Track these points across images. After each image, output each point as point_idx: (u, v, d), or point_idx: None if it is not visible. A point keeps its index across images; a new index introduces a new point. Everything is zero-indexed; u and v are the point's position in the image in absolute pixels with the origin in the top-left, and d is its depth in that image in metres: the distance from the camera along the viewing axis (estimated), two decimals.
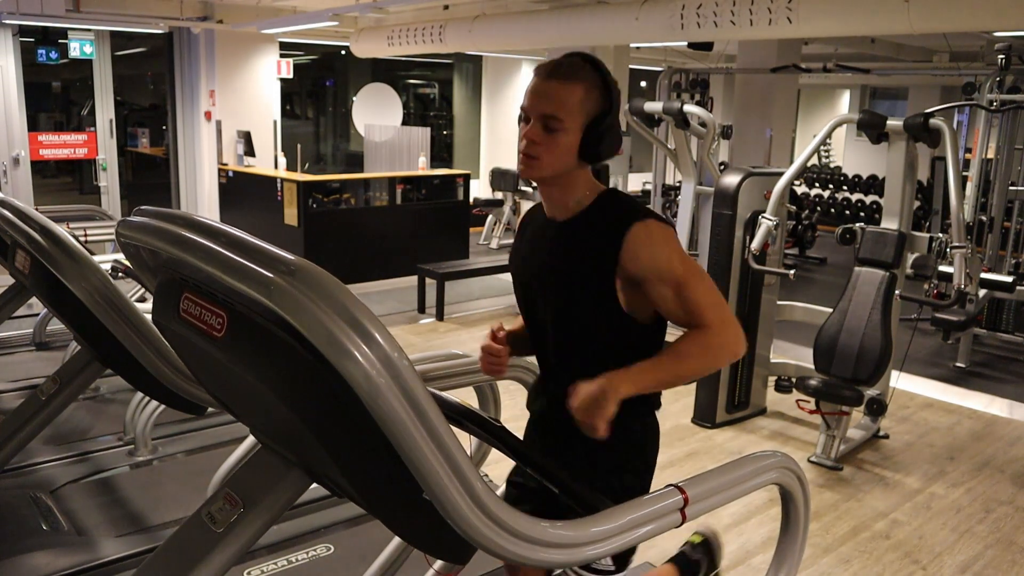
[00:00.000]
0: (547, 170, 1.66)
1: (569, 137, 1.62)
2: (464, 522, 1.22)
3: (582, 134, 1.63)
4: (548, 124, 1.61)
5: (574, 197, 1.71)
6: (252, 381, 1.29)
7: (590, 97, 1.62)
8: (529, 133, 1.63)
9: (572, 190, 1.70)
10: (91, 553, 2.86)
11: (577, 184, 1.70)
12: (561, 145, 1.62)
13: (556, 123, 1.61)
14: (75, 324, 2.54)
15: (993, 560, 3.25)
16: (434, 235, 8.50)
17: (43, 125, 8.48)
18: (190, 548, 1.39)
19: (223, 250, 1.21)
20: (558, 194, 1.72)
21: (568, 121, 1.61)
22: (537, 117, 1.62)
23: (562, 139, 1.62)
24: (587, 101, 1.62)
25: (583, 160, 1.66)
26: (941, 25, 4.44)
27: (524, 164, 1.66)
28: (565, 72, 1.62)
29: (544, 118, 1.62)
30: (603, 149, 1.65)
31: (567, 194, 1.71)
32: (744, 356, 4.51)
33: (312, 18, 7.33)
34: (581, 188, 1.71)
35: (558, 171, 1.66)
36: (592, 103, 1.63)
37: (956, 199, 4.02)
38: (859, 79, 12.33)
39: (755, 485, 1.73)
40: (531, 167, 1.66)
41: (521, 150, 1.66)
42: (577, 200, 1.71)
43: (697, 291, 1.63)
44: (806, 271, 9.24)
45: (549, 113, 1.61)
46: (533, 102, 1.63)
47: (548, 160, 1.64)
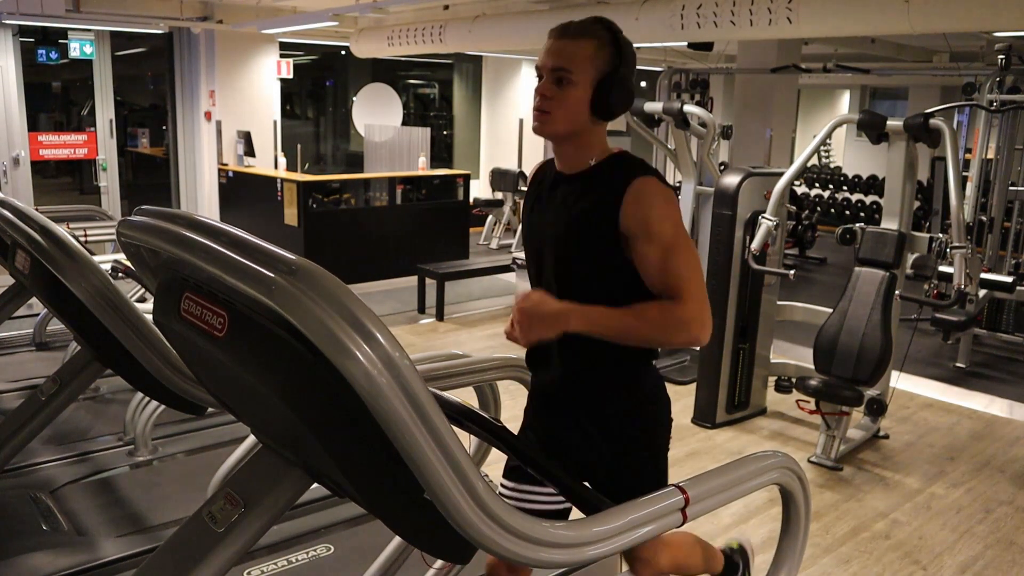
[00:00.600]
0: (560, 125, 1.67)
1: (579, 91, 1.65)
2: (465, 522, 1.22)
3: (593, 89, 1.65)
4: (559, 78, 1.64)
5: (588, 155, 1.72)
6: (253, 381, 1.29)
7: (600, 53, 1.65)
8: (542, 88, 1.67)
9: (587, 149, 1.72)
10: (91, 553, 2.85)
11: (592, 144, 1.72)
12: (572, 99, 1.65)
13: (567, 76, 1.64)
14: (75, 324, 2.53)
15: (993, 560, 3.25)
16: (434, 235, 8.50)
17: (43, 125, 8.48)
18: (191, 548, 1.39)
19: (224, 250, 1.21)
20: (572, 152, 1.73)
21: (578, 74, 1.64)
22: (549, 72, 1.66)
23: (572, 92, 1.65)
24: (597, 57, 1.65)
25: (595, 115, 1.68)
26: (941, 25, 4.44)
27: (537, 120, 1.68)
28: (576, 30, 1.67)
29: (555, 71, 1.65)
30: (613, 103, 1.67)
31: (581, 153, 1.72)
32: (745, 356, 4.56)
33: (312, 18, 7.33)
34: (596, 148, 1.72)
35: (571, 127, 1.68)
36: (603, 59, 1.66)
37: (956, 199, 4.02)
38: (859, 79, 12.33)
39: (756, 485, 1.73)
40: (544, 122, 1.68)
41: (534, 106, 1.68)
42: (590, 158, 1.72)
43: (680, 261, 1.62)
44: (806, 271, 9.24)
45: (560, 66, 1.64)
46: (546, 59, 1.67)
47: (560, 114, 1.66)
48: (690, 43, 7.59)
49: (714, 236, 4.49)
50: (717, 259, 4.46)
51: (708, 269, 4.53)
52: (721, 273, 4.43)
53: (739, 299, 4.47)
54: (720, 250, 4.44)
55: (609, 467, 1.79)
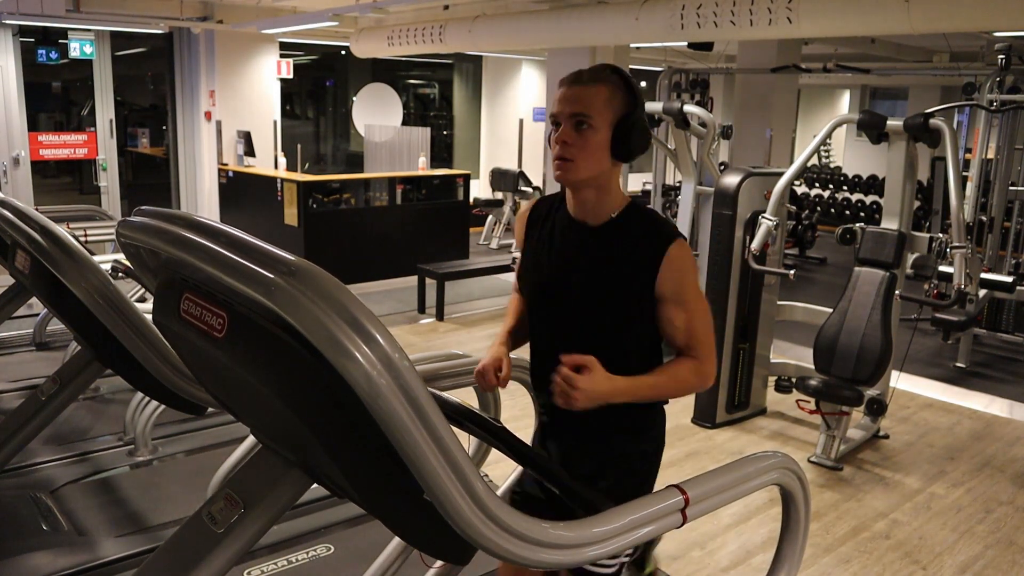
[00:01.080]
0: (583, 171, 1.70)
1: (599, 135, 1.67)
2: (465, 522, 1.22)
3: (612, 132, 1.68)
4: (579, 123, 1.67)
5: (609, 203, 1.75)
6: (252, 381, 1.28)
7: (615, 97, 1.68)
8: (562, 135, 1.68)
9: (607, 195, 1.75)
10: (91, 553, 2.85)
11: (611, 188, 1.75)
12: (593, 144, 1.67)
13: (587, 121, 1.66)
14: (75, 324, 2.53)
15: (993, 560, 3.25)
16: (434, 235, 8.50)
17: (43, 125, 8.48)
18: (190, 548, 1.39)
19: (223, 250, 1.21)
20: (593, 198, 1.75)
21: (597, 119, 1.66)
22: (567, 119, 1.68)
23: (592, 137, 1.67)
24: (613, 100, 1.68)
25: (615, 158, 1.71)
26: (941, 25, 4.44)
27: (560, 169, 1.70)
28: (588, 77, 1.69)
29: (574, 117, 1.67)
30: (633, 145, 1.70)
31: (602, 199, 1.75)
32: (745, 356, 4.56)
33: (312, 18, 7.32)
34: (615, 193, 1.76)
35: (593, 171, 1.70)
36: (618, 102, 1.68)
37: (956, 199, 4.02)
38: (859, 79, 12.33)
39: (756, 485, 1.73)
40: (567, 170, 1.70)
41: (555, 155, 1.70)
42: (611, 207, 1.75)
43: (702, 323, 1.75)
44: (806, 271, 9.24)
45: (579, 112, 1.66)
46: (563, 106, 1.69)
47: (583, 160, 1.68)
48: (690, 43, 7.59)
49: (714, 236, 4.49)
50: (717, 259, 4.46)
51: (708, 269, 4.53)
52: (721, 273, 4.43)
53: (739, 299, 4.47)
54: (720, 250, 4.44)
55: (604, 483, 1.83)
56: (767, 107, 7.19)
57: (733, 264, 4.41)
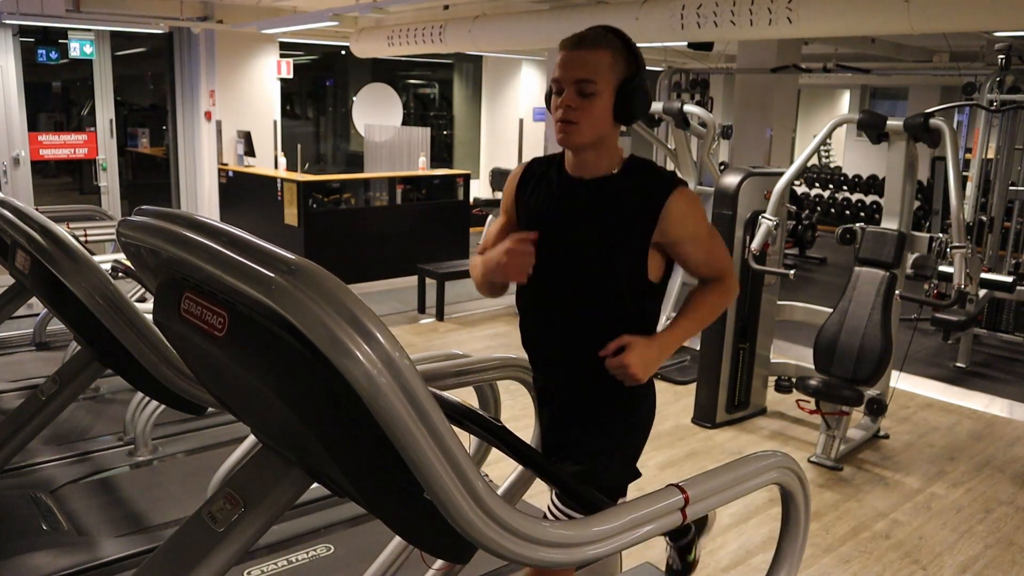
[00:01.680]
0: (587, 134, 1.72)
1: (603, 100, 1.69)
2: (465, 522, 1.22)
3: (615, 96, 1.70)
4: (582, 89, 1.68)
5: (608, 160, 1.78)
6: (253, 381, 1.28)
7: (618, 61, 1.70)
8: (566, 99, 1.69)
9: (607, 153, 1.77)
10: (91, 553, 2.85)
11: (611, 147, 1.78)
12: (597, 108, 1.69)
13: (590, 86, 1.68)
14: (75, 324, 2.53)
15: (993, 560, 3.25)
16: (434, 235, 8.49)
17: (43, 125, 8.48)
18: (191, 548, 1.39)
19: (224, 249, 1.21)
20: (594, 158, 1.78)
21: (601, 83, 1.68)
22: (571, 84, 1.69)
23: (597, 102, 1.69)
24: (616, 64, 1.70)
25: (618, 121, 1.73)
26: (941, 25, 4.44)
27: (563, 132, 1.72)
28: (591, 40, 1.70)
29: (578, 83, 1.68)
30: (635, 108, 1.73)
31: (602, 157, 1.77)
32: (745, 356, 4.56)
33: (312, 18, 7.32)
34: (614, 151, 1.78)
35: (596, 135, 1.73)
36: (620, 66, 1.70)
37: (956, 199, 4.02)
38: (859, 79, 12.33)
39: (756, 485, 1.73)
40: (571, 132, 1.71)
41: (558, 118, 1.71)
42: (610, 163, 1.78)
43: (720, 249, 1.87)
44: (806, 271, 9.24)
45: (583, 77, 1.68)
46: (565, 70, 1.70)
47: (587, 124, 1.70)
48: (690, 43, 7.59)
49: None
50: None
51: None
52: None
53: (739, 299, 4.47)
54: None
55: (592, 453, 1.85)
56: (767, 107, 7.19)
57: (733, 264, 4.41)
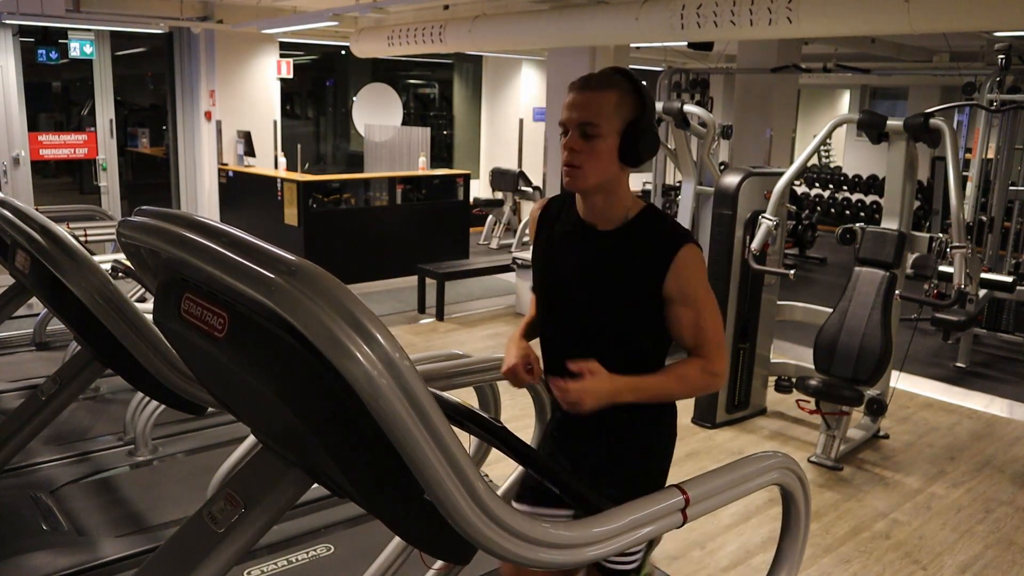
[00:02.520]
0: (591, 178, 1.70)
1: (608, 142, 1.67)
2: (465, 522, 1.22)
3: (620, 138, 1.68)
4: (586, 131, 1.67)
5: (619, 207, 1.75)
6: (253, 381, 1.28)
7: (624, 102, 1.68)
8: (569, 142, 1.68)
9: (617, 199, 1.75)
10: (91, 553, 2.85)
11: (620, 193, 1.75)
12: (601, 151, 1.67)
13: (594, 129, 1.66)
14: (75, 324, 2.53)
15: (993, 560, 3.25)
16: (434, 235, 8.50)
17: (43, 125, 8.48)
18: (191, 548, 1.39)
19: (224, 250, 1.21)
20: (602, 203, 1.75)
21: (605, 126, 1.66)
22: (575, 126, 1.68)
23: (601, 145, 1.67)
24: (621, 106, 1.67)
25: (624, 163, 1.71)
26: (941, 25, 4.44)
27: (568, 175, 1.71)
28: (597, 82, 1.69)
29: (582, 126, 1.67)
30: (641, 151, 1.70)
31: (612, 203, 1.75)
32: (745, 356, 4.56)
33: (312, 18, 7.33)
34: (624, 198, 1.76)
35: (601, 178, 1.70)
36: (626, 108, 1.68)
37: (956, 199, 4.02)
38: (859, 79, 12.33)
39: (756, 485, 1.73)
40: (575, 177, 1.70)
41: (564, 161, 1.70)
42: (623, 212, 1.75)
43: (711, 322, 1.74)
44: (806, 271, 9.24)
45: (586, 120, 1.66)
46: (570, 114, 1.68)
47: (591, 167, 1.68)
48: (690, 43, 7.59)
49: (714, 236, 4.49)
50: (717, 259, 4.45)
51: (708, 269, 4.52)
52: (721, 273, 4.43)
53: (739, 299, 4.47)
54: (720, 250, 4.44)
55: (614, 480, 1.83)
56: (767, 107, 7.19)
57: (733, 264, 4.41)
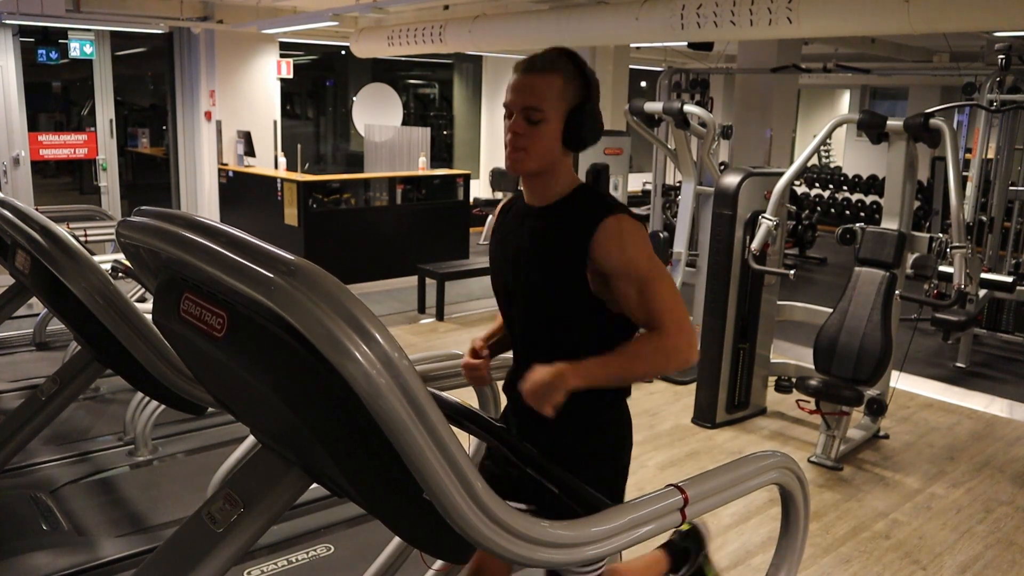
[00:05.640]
0: (534, 162, 1.69)
1: (551, 126, 1.66)
2: (464, 522, 1.22)
3: (564, 122, 1.67)
4: (530, 116, 1.65)
5: (556, 187, 1.74)
6: (252, 381, 1.29)
7: (569, 87, 1.66)
8: (513, 126, 1.67)
9: (555, 179, 1.73)
10: (91, 553, 2.85)
11: (560, 173, 1.73)
12: (544, 135, 1.66)
13: (537, 114, 1.65)
14: (75, 324, 2.54)
15: (993, 560, 3.25)
16: (434, 235, 8.50)
17: (43, 125, 8.48)
18: (190, 548, 1.39)
19: (223, 250, 1.21)
20: (541, 184, 1.75)
21: (549, 111, 1.65)
22: (519, 110, 1.66)
23: (544, 129, 1.66)
24: (566, 90, 1.66)
25: (567, 147, 1.70)
26: (941, 25, 4.44)
27: (511, 159, 1.70)
28: (542, 65, 1.67)
29: (526, 110, 1.66)
30: (585, 135, 1.69)
31: (549, 184, 1.74)
32: (745, 356, 4.56)
33: (312, 18, 7.33)
34: (563, 178, 1.74)
35: (544, 162, 1.70)
36: (571, 92, 1.67)
37: (956, 199, 4.02)
38: (859, 79, 12.33)
39: (755, 485, 1.73)
40: (518, 160, 1.69)
41: (507, 143, 1.69)
42: (558, 191, 1.74)
43: (658, 292, 1.64)
44: (806, 271, 9.24)
45: (530, 105, 1.65)
46: (515, 97, 1.67)
47: (534, 151, 1.67)
48: (690, 43, 7.59)
49: (714, 236, 4.49)
50: (717, 259, 4.45)
51: (708, 269, 4.53)
52: (721, 273, 4.43)
53: (739, 299, 4.47)
54: (720, 250, 4.44)
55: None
56: (767, 107, 7.19)
57: (733, 264, 4.41)
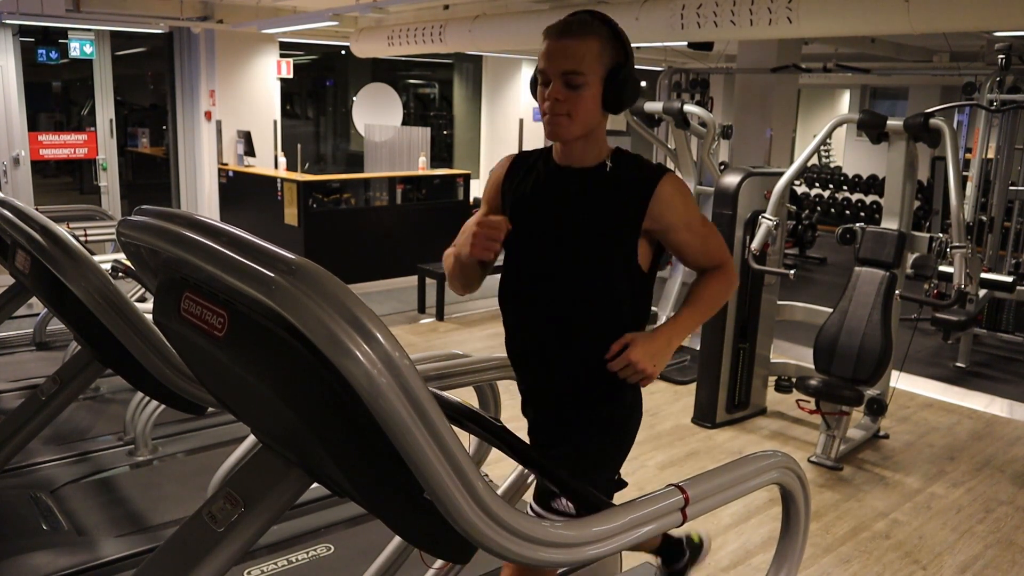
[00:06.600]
0: (578, 127, 1.68)
1: (592, 90, 1.65)
2: (465, 521, 1.22)
3: (603, 85, 1.66)
4: (570, 81, 1.64)
5: (597, 149, 1.76)
6: (253, 381, 1.28)
7: (606, 50, 1.65)
8: (553, 92, 1.65)
9: (595, 143, 1.75)
10: (91, 553, 2.85)
11: (600, 137, 1.76)
12: (586, 99, 1.65)
13: (578, 78, 1.63)
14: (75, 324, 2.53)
15: (993, 560, 3.25)
16: (434, 235, 8.46)
17: (43, 125, 8.48)
18: (191, 548, 1.39)
19: (224, 249, 1.21)
20: (582, 148, 1.75)
21: (589, 75, 1.64)
22: (558, 76, 1.64)
23: (586, 93, 1.65)
24: (603, 54, 1.65)
25: (607, 111, 1.71)
26: (941, 25, 4.44)
27: (553, 124, 1.68)
28: (578, 29, 1.64)
29: (565, 75, 1.63)
30: (625, 97, 1.70)
31: (590, 147, 1.75)
32: (745, 356, 4.56)
33: (312, 18, 7.33)
34: (603, 140, 1.76)
35: (587, 127, 1.69)
36: (608, 55, 1.65)
37: (956, 199, 4.02)
38: (859, 79, 12.33)
39: (756, 485, 1.73)
40: (561, 126, 1.68)
41: (546, 111, 1.67)
42: (598, 152, 1.75)
43: (716, 237, 1.84)
44: (806, 271, 9.24)
45: (570, 69, 1.63)
46: (552, 61, 1.64)
47: (577, 116, 1.67)
48: (690, 43, 7.59)
49: None
50: None
51: None
52: None
53: (739, 299, 4.47)
54: None
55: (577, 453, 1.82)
56: (767, 107, 7.19)
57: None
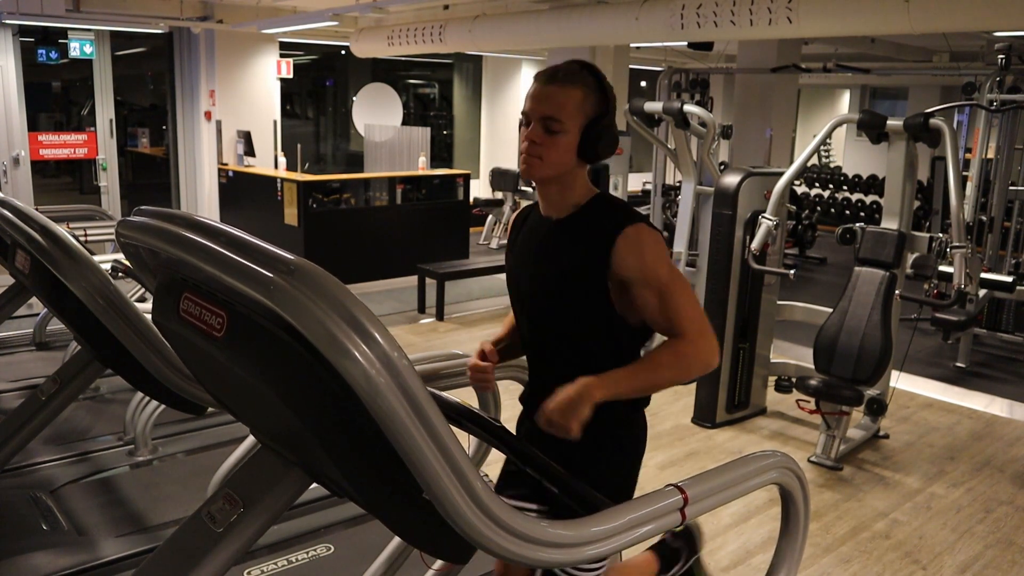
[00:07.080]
0: (548, 170, 1.71)
1: (569, 138, 1.68)
2: (464, 522, 1.22)
3: (581, 135, 1.69)
4: (549, 126, 1.67)
5: (572, 197, 1.76)
6: (252, 381, 1.29)
7: (588, 100, 1.69)
8: (531, 134, 1.69)
9: (570, 190, 1.76)
10: (91, 553, 2.85)
11: (575, 184, 1.76)
12: (561, 145, 1.68)
13: (556, 124, 1.67)
14: (75, 324, 2.54)
15: (993, 560, 3.25)
16: (434, 235, 8.50)
17: (43, 125, 8.48)
18: (190, 548, 1.39)
19: (223, 250, 1.21)
20: (556, 193, 1.77)
21: (568, 122, 1.67)
22: (538, 119, 1.68)
23: (562, 140, 1.68)
24: (585, 103, 1.68)
25: (581, 159, 1.72)
26: (941, 25, 4.44)
27: (526, 164, 1.72)
28: (563, 77, 1.69)
29: (545, 120, 1.68)
30: (601, 149, 1.71)
31: (565, 194, 1.76)
32: (745, 356, 4.56)
33: (312, 18, 7.33)
34: (579, 189, 1.76)
35: (559, 171, 1.72)
36: (590, 105, 1.69)
37: (956, 199, 4.02)
38: (859, 79, 12.33)
39: (755, 485, 1.73)
40: (533, 167, 1.71)
41: (523, 150, 1.71)
42: (574, 201, 1.76)
43: (679, 300, 1.67)
44: (806, 271, 9.24)
45: (549, 115, 1.67)
46: (534, 106, 1.69)
47: (549, 160, 1.69)
48: (690, 43, 7.59)
49: (714, 236, 4.49)
50: (717, 259, 4.45)
51: (708, 269, 4.53)
52: (721, 273, 4.43)
53: (739, 299, 4.47)
54: (720, 250, 4.44)
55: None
56: (767, 107, 7.19)
57: (733, 264, 4.41)
